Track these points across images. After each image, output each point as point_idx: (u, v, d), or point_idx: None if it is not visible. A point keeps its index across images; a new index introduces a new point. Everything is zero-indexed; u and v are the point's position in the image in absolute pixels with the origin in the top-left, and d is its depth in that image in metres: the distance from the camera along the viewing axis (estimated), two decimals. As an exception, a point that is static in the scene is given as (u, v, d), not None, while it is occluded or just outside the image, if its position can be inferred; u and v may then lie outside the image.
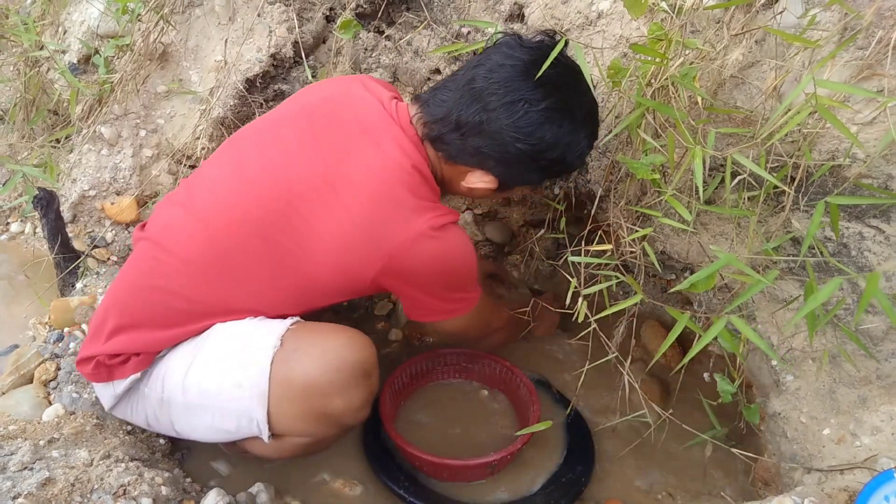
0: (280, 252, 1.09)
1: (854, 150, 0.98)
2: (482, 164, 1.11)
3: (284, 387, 1.07)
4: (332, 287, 1.13)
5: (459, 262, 1.14)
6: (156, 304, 1.12)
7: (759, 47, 1.07)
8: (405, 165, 1.08)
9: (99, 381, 1.16)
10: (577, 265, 1.18)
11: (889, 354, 1.04)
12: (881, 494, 0.91)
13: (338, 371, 1.07)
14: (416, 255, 1.07)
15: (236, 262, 1.10)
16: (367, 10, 1.70)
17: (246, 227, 1.09)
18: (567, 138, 1.08)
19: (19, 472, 1.03)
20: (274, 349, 1.07)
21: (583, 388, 1.31)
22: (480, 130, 1.07)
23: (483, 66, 1.08)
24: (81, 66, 1.89)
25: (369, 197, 1.06)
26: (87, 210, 1.72)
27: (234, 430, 1.13)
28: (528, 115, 1.04)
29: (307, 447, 1.22)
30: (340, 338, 1.11)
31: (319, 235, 1.07)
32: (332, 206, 1.07)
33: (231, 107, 1.66)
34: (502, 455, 1.25)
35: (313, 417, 1.10)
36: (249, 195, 1.10)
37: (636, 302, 1.04)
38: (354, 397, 1.10)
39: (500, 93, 1.04)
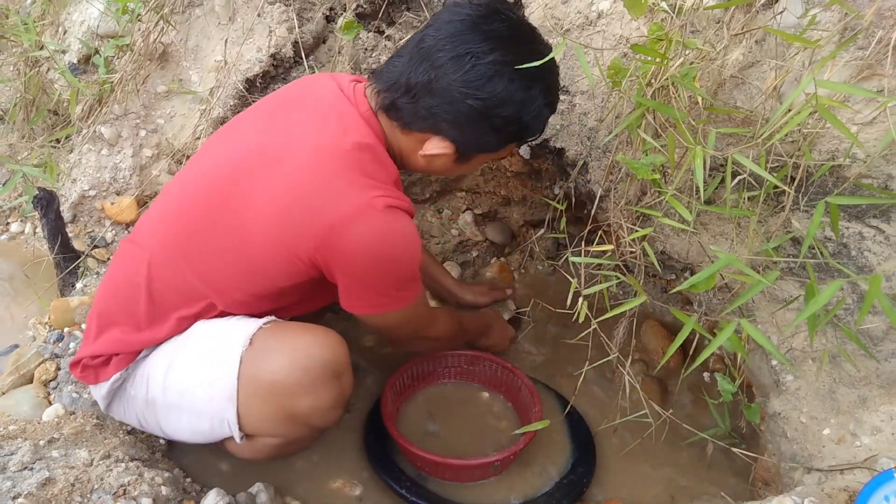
0: (227, 232, 1.07)
1: (854, 150, 0.98)
2: (436, 128, 1.06)
3: (252, 386, 1.06)
4: (277, 267, 1.07)
5: (401, 250, 1.07)
6: (129, 301, 1.13)
7: (760, 47, 1.07)
8: (354, 138, 1.05)
9: (88, 382, 1.17)
10: (578, 265, 1.18)
11: (889, 354, 1.04)
12: (881, 494, 0.91)
13: (305, 370, 1.05)
14: (356, 233, 1.01)
15: (194, 252, 1.09)
16: (367, 10, 1.70)
17: (197, 213, 1.09)
18: (520, 94, 1.02)
19: (19, 472, 1.03)
20: (243, 348, 1.06)
21: (583, 389, 1.31)
22: (430, 89, 1.02)
23: (431, 26, 1.05)
24: (81, 66, 1.89)
25: (313, 168, 1.03)
26: (87, 210, 1.72)
27: (209, 431, 1.12)
28: (475, 68, 0.99)
29: (280, 448, 1.20)
30: (309, 337, 1.08)
31: (258, 207, 1.04)
32: (274, 177, 1.04)
33: (231, 107, 1.66)
34: (505, 455, 1.25)
35: (282, 417, 1.08)
36: (202, 183, 1.11)
37: (639, 303, 1.04)
38: (323, 397, 1.08)
39: (448, 48, 1.00)
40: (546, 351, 1.66)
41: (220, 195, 1.07)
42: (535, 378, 1.51)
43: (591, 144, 1.35)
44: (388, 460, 1.32)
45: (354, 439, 1.39)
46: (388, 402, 1.35)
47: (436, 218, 1.94)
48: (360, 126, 1.07)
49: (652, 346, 1.65)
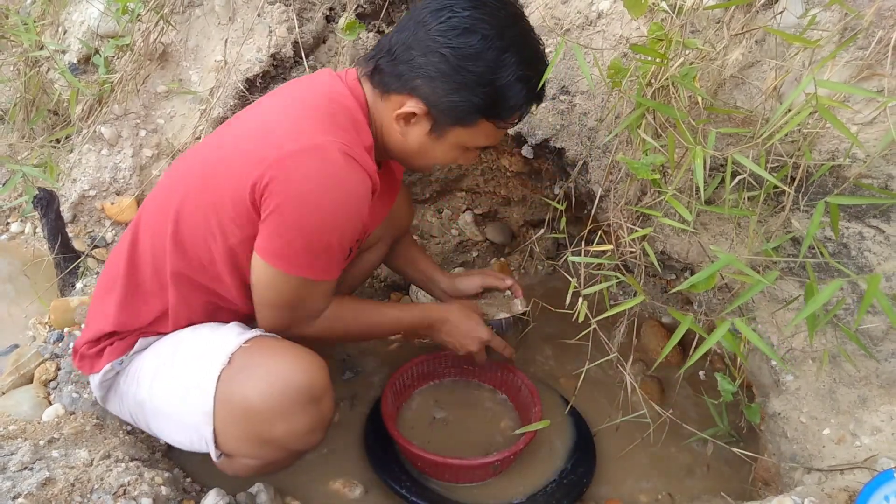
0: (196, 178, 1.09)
1: (854, 150, 0.98)
2: (410, 86, 1.05)
3: (228, 408, 1.04)
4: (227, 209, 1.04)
5: (338, 201, 1.01)
6: (113, 271, 1.15)
7: (759, 47, 1.07)
8: (331, 97, 1.07)
9: (84, 371, 1.18)
10: (577, 265, 1.18)
11: (889, 354, 1.04)
12: (881, 494, 0.91)
13: (280, 395, 1.02)
14: (304, 163, 0.98)
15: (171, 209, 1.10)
16: (367, 11, 1.70)
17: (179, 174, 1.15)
18: (493, 53, 1.01)
19: (19, 472, 1.03)
20: (222, 366, 1.04)
21: (583, 389, 1.31)
22: (409, 44, 1.04)
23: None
24: (81, 66, 1.89)
25: (286, 109, 1.06)
26: (87, 210, 1.72)
27: (188, 444, 1.11)
28: (451, 20, 1.01)
29: (260, 469, 1.18)
30: (287, 359, 1.05)
31: (231, 137, 1.09)
32: (250, 120, 1.10)
33: (231, 107, 1.66)
34: (505, 455, 1.25)
35: (257, 442, 1.06)
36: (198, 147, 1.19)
37: (638, 303, 1.04)
38: (298, 423, 1.05)
39: (431, 5, 1.04)
40: (546, 351, 1.66)
41: (197, 150, 1.15)
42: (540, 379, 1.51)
43: (591, 144, 1.35)
44: (389, 460, 1.32)
45: (355, 439, 1.39)
46: (389, 403, 1.35)
47: (436, 218, 1.94)
48: (341, 91, 1.08)
49: (652, 346, 1.65)
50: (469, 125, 1.08)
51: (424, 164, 1.18)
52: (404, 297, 1.81)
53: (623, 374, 1.20)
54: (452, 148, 1.13)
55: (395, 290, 1.83)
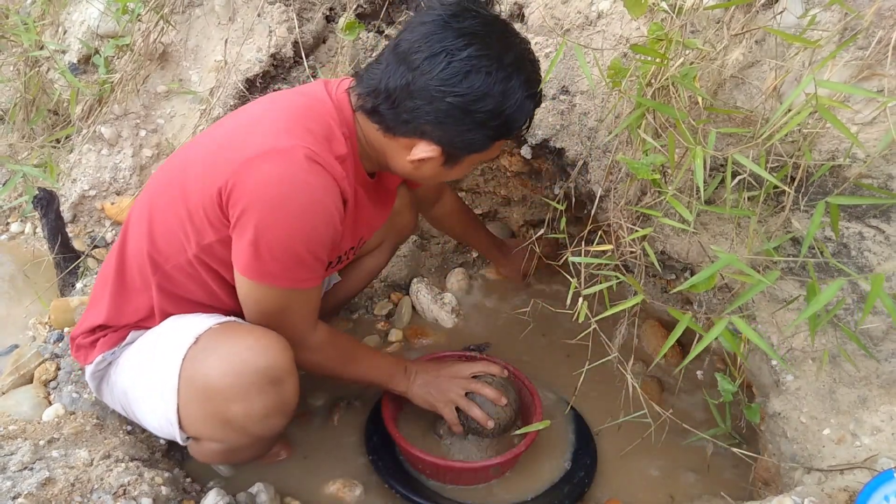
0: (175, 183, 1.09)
1: (854, 150, 0.98)
2: (420, 131, 1.04)
3: (189, 387, 1.04)
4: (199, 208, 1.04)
5: (305, 205, 0.99)
6: (110, 264, 1.15)
7: (760, 47, 1.07)
8: (307, 104, 1.07)
9: (80, 362, 1.19)
10: (577, 265, 1.18)
11: (889, 354, 1.04)
12: (881, 494, 0.91)
13: (238, 375, 1.01)
14: (268, 167, 0.97)
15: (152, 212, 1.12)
16: (367, 10, 1.70)
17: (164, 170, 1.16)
18: (499, 87, 1.00)
19: (19, 472, 1.03)
20: (188, 346, 1.04)
21: (583, 389, 1.31)
22: (409, 92, 1.01)
23: (406, 30, 1.05)
24: (81, 66, 1.89)
25: (258, 114, 1.07)
26: (87, 210, 1.72)
27: (159, 429, 1.11)
28: (451, 65, 0.98)
29: (226, 454, 1.17)
30: (249, 340, 1.04)
31: (205, 145, 1.09)
32: (227, 123, 1.10)
33: (231, 107, 1.66)
34: (506, 458, 1.25)
35: (216, 422, 1.05)
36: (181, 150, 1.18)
37: (637, 302, 1.04)
38: (256, 404, 1.03)
39: (423, 49, 0.99)
40: (546, 351, 1.66)
41: (181, 154, 1.14)
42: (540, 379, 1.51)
43: (591, 144, 1.35)
44: (390, 461, 1.32)
45: (355, 439, 1.39)
46: (389, 404, 1.34)
47: (436, 218, 1.94)
48: (323, 101, 1.08)
49: (652, 346, 1.65)
50: (483, 150, 1.09)
51: (437, 183, 1.18)
52: (404, 296, 1.81)
53: (623, 375, 1.20)
54: (466, 168, 1.15)
55: (395, 291, 1.83)
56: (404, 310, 1.76)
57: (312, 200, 1.00)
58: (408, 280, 1.82)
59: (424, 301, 1.75)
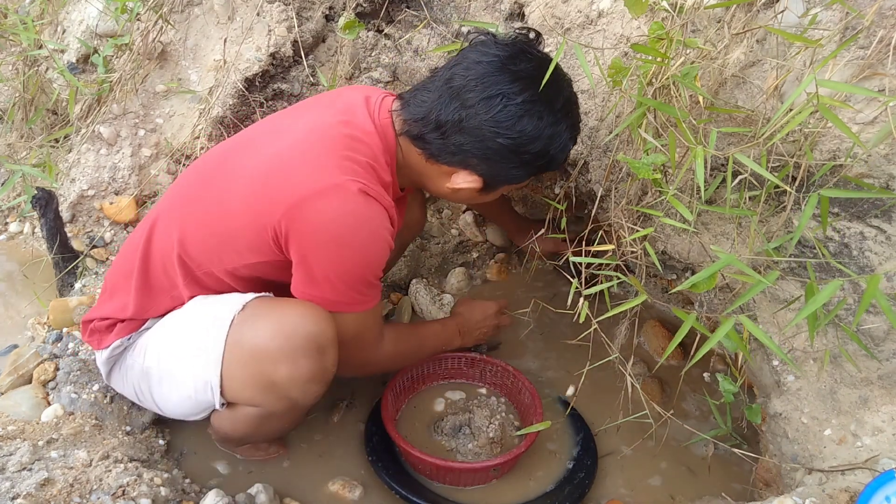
0: (213, 198, 1.12)
1: (855, 150, 0.97)
2: (465, 163, 1.10)
3: (236, 349, 1.07)
4: (244, 237, 1.09)
5: (363, 238, 1.06)
6: (131, 267, 1.17)
7: (760, 46, 1.06)
8: (354, 132, 1.08)
9: (93, 346, 1.21)
10: (578, 265, 1.18)
11: (890, 354, 1.04)
12: (882, 495, 0.91)
13: (287, 338, 1.06)
14: (323, 205, 1.02)
15: (184, 219, 1.14)
16: (367, 10, 1.70)
17: (196, 181, 1.17)
18: (548, 130, 1.07)
19: (18, 472, 1.03)
20: (234, 313, 1.08)
21: (583, 389, 1.31)
22: (461, 128, 1.06)
23: (460, 64, 1.09)
24: (80, 66, 1.89)
25: (302, 143, 1.07)
26: (85, 210, 1.72)
27: (193, 395, 1.14)
28: (506, 108, 1.04)
29: (260, 421, 1.19)
30: (300, 309, 1.09)
31: (243, 173, 1.09)
32: (265, 148, 1.10)
33: (230, 106, 1.65)
34: (506, 459, 1.25)
35: (261, 384, 1.09)
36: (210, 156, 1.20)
37: (639, 303, 1.04)
38: (302, 367, 1.07)
39: (478, 89, 1.04)
40: (546, 352, 1.66)
41: (218, 162, 1.15)
42: (540, 380, 1.51)
43: (591, 144, 1.35)
44: (390, 462, 1.31)
45: (354, 440, 1.39)
46: (389, 405, 1.34)
47: (436, 218, 1.94)
48: (367, 127, 1.10)
49: (653, 346, 1.65)
50: (521, 183, 1.18)
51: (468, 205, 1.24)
52: (403, 297, 1.81)
53: (624, 375, 1.20)
54: (498, 194, 1.22)
55: (394, 291, 1.82)
56: (404, 310, 1.76)
57: (371, 232, 1.06)
58: (407, 280, 1.82)
59: (423, 301, 1.75)
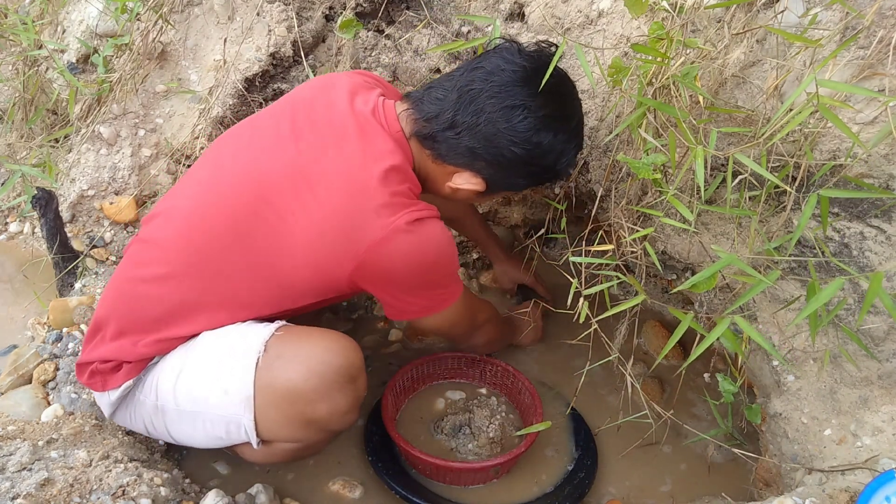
0: (255, 249, 1.07)
1: (856, 150, 0.97)
2: (472, 165, 1.10)
3: (269, 393, 1.06)
4: (310, 286, 1.10)
5: (435, 256, 1.09)
6: (142, 304, 1.12)
7: (761, 46, 1.06)
8: (385, 163, 1.06)
9: (95, 389, 1.15)
10: (578, 265, 1.18)
11: (890, 355, 1.04)
12: (882, 495, 0.91)
13: (321, 377, 1.06)
14: (392, 251, 1.04)
15: (215, 261, 1.09)
16: (366, 9, 1.70)
17: (220, 225, 1.08)
18: (560, 146, 1.09)
19: (18, 472, 1.03)
20: (258, 354, 1.06)
21: (584, 389, 1.31)
22: (476, 132, 1.06)
23: (482, 68, 1.08)
24: (80, 66, 1.89)
25: (345, 192, 1.04)
26: (85, 210, 1.72)
27: (225, 437, 1.13)
28: (526, 120, 1.05)
29: (297, 452, 1.22)
30: (325, 342, 1.09)
31: (293, 231, 1.05)
32: (307, 201, 1.05)
33: (230, 106, 1.65)
34: (506, 459, 1.25)
35: (299, 423, 1.09)
36: (223, 193, 1.10)
37: (639, 302, 1.04)
38: (339, 402, 1.09)
39: (500, 96, 1.05)
40: (546, 352, 1.66)
41: (248, 213, 1.07)
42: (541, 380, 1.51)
43: (591, 144, 1.34)
44: (390, 461, 1.31)
45: (354, 440, 1.39)
46: (389, 405, 1.34)
47: (435, 218, 1.94)
48: (389, 148, 1.08)
49: (653, 346, 1.65)
50: (521, 190, 1.20)
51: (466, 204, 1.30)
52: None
53: (624, 375, 1.20)
54: (497, 197, 1.26)
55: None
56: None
57: (436, 244, 1.09)
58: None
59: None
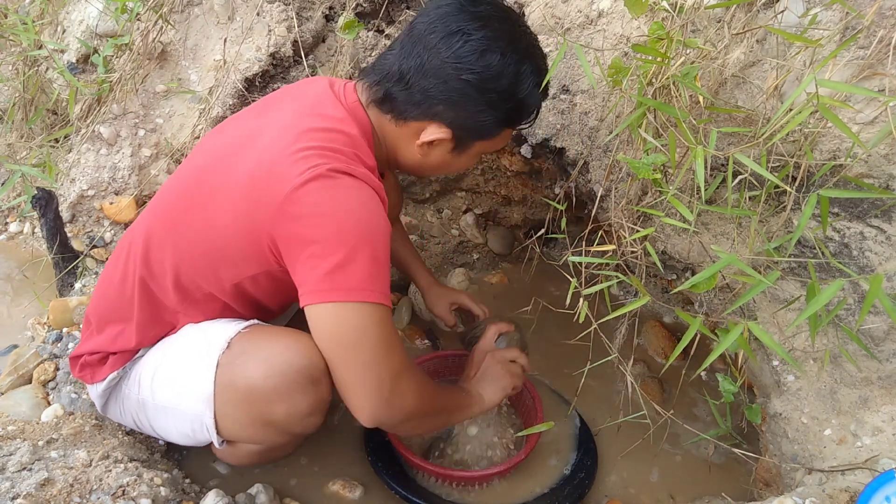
0: (199, 215, 1.06)
1: (856, 150, 0.97)
2: (431, 112, 1.05)
3: (229, 391, 1.04)
4: (237, 246, 1.04)
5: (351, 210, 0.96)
6: (123, 297, 1.13)
7: (761, 46, 1.06)
8: (326, 125, 1.03)
9: (85, 381, 1.17)
10: (578, 265, 1.18)
11: (890, 355, 1.04)
12: (882, 495, 0.91)
13: (282, 376, 1.02)
14: (309, 193, 0.95)
15: (174, 241, 1.08)
16: (367, 9, 1.70)
17: (179, 202, 1.10)
18: (512, 68, 1.03)
19: (18, 472, 1.03)
20: (221, 351, 1.04)
21: (584, 389, 1.31)
22: (424, 72, 1.03)
23: (421, 14, 1.07)
24: (80, 66, 1.89)
25: (278, 143, 1.00)
26: (85, 210, 1.72)
27: (191, 434, 1.12)
28: (467, 43, 1.01)
29: (262, 454, 1.20)
30: (287, 341, 1.05)
31: (226, 185, 1.03)
32: (243, 156, 1.04)
33: (230, 106, 1.65)
34: (506, 466, 1.25)
35: (259, 424, 1.06)
36: (186, 174, 1.12)
37: (642, 304, 1.04)
38: (299, 404, 1.04)
39: (439, 29, 1.02)
40: (546, 352, 1.66)
41: (197, 181, 1.08)
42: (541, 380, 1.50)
43: (591, 144, 1.34)
44: (390, 461, 1.31)
45: (354, 440, 1.39)
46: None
47: (436, 218, 1.94)
48: (339, 115, 1.05)
49: (653, 346, 1.65)
50: (492, 137, 1.11)
51: (443, 174, 1.17)
52: (403, 297, 1.81)
53: (624, 375, 1.20)
54: (473, 157, 1.16)
55: (394, 291, 1.82)
56: (404, 310, 1.76)
57: (363, 203, 0.98)
58: (407, 280, 1.82)
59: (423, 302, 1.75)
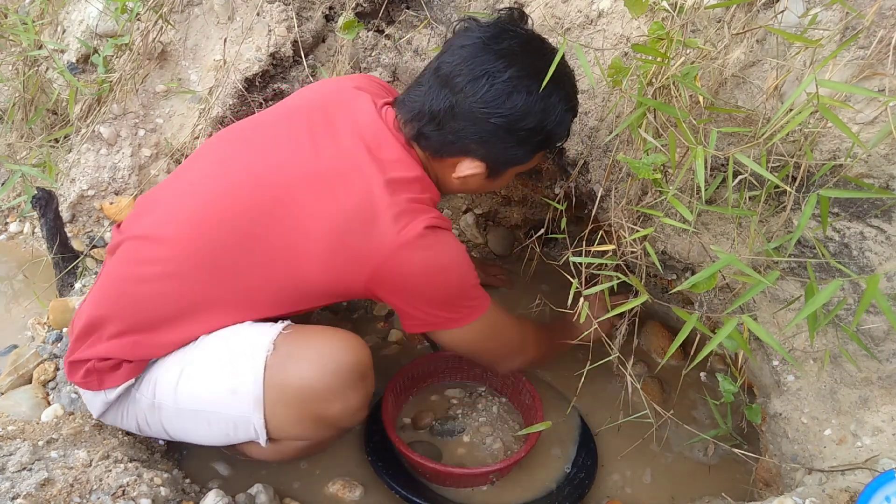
0: (270, 251, 1.05)
1: (856, 150, 0.97)
2: (465, 150, 1.10)
3: (280, 392, 1.06)
4: (325, 289, 1.09)
5: (448, 271, 1.09)
6: (146, 303, 1.09)
7: (761, 46, 1.06)
8: (400, 175, 1.06)
9: (90, 388, 1.11)
10: (578, 265, 1.18)
11: (890, 355, 1.04)
12: (882, 495, 0.91)
13: (334, 375, 1.06)
14: (407, 259, 1.04)
15: (226, 260, 1.06)
16: (367, 9, 1.70)
17: (233, 224, 1.06)
18: (540, 104, 1.06)
19: (18, 472, 1.03)
20: (267, 353, 1.06)
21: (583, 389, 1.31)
22: (454, 114, 1.06)
23: (445, 52, 1.09)
24: (80, 66, 1.89)
25: (364, 199, 1.03)
26: (85, 210, 1.72)
27: (232, 435, 1.13)
28: (493, 87, 1.03)
29: (306, 449, 1.24)
30: (335, 341, 1.09)
31: (310, 233, 1.04)
32: (326, 203, 1.03)
33: (230, 106, 1.65)
34: (505, 465, 1.25)
35: (311, 421, 1.10)
36: (234, 193, 1.08)
37: (641, 303, 1.04)
38: (352, 400, 1.09)
39: (465, 72, 1.04)
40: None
41: (262, 213, 1.05)
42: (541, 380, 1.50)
43: (591, 144, 1.34)
44: (390, 461, 1.31)
45: (354, 440, 1.39)
46: (389, 405, 1.34)
47: (435, 218, 1.94)
48: (402, 157, 1.09)
49: (653, 346, 1.65)
50: (525, 163, 1.16)
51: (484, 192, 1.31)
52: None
53: (624, 375, 1.20)
54: (509, 178, 1.20)
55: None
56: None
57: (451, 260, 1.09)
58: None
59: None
